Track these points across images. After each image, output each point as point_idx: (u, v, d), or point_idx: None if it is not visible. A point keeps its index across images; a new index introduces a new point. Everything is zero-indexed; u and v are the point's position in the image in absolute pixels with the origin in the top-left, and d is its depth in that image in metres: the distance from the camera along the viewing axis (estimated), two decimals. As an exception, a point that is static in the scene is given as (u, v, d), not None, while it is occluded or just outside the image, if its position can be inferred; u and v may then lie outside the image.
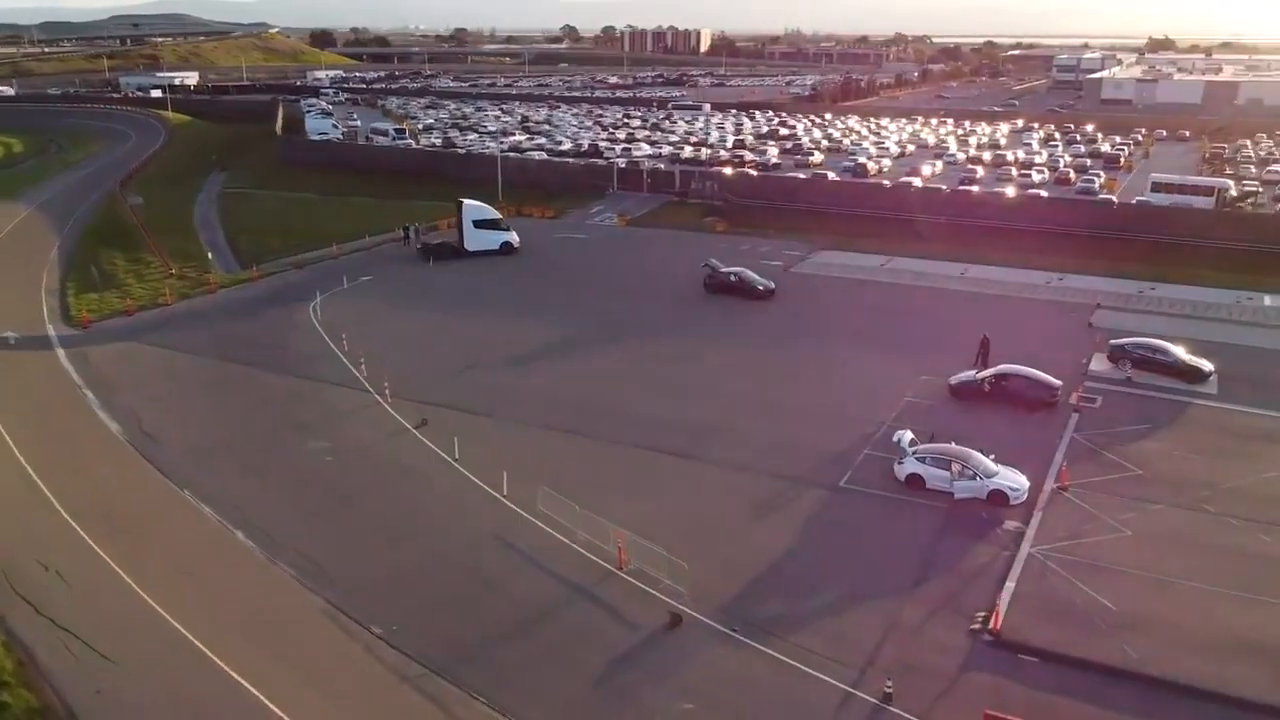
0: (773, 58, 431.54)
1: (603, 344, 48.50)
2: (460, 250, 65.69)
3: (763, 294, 56.12)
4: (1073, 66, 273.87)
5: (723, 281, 56.84)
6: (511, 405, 40.56)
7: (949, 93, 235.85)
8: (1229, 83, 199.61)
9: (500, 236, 66.43)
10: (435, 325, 51.57)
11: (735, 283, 56.49)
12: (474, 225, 66.01)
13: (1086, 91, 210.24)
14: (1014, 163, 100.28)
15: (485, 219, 66.49)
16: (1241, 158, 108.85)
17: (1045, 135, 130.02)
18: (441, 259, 65.11)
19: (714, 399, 41.36)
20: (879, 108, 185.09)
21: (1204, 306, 54.94)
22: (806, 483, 33.96)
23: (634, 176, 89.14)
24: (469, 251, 65.52)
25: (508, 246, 66.35)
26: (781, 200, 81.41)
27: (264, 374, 44.48)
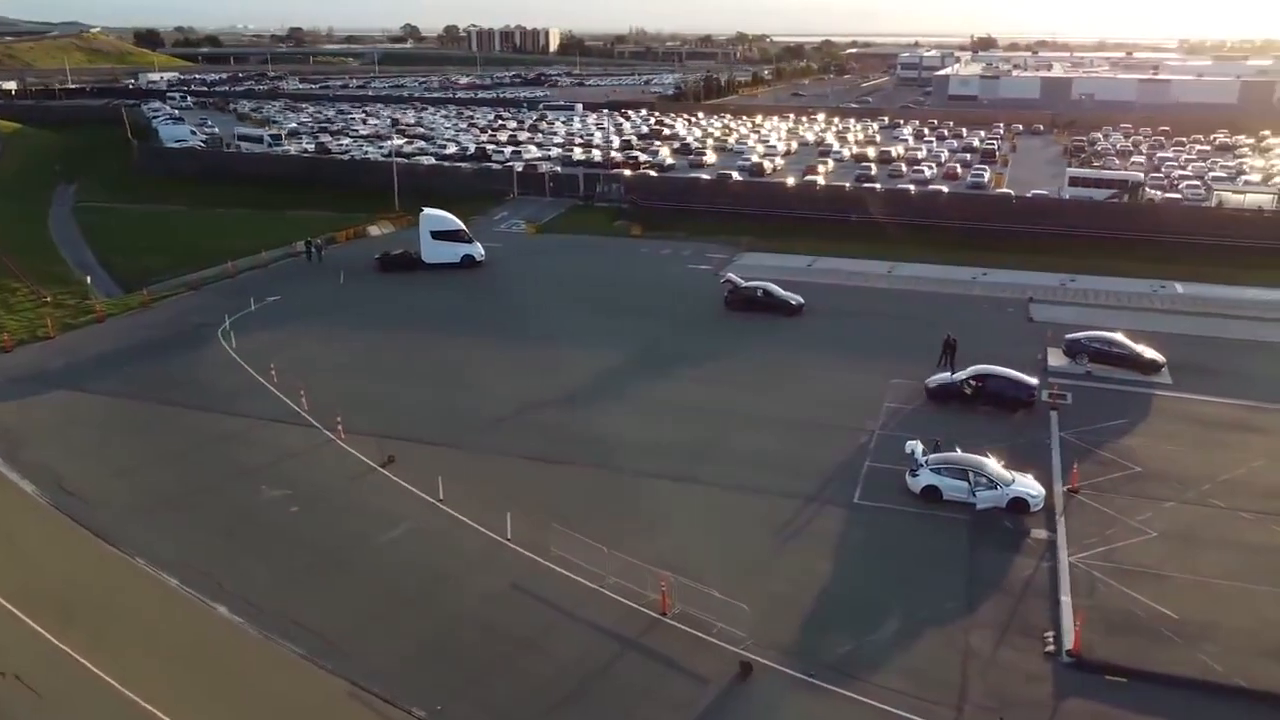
0: (623, 57, 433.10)
1: (562, 361, 45.74)
2: (418, 262, 61.69)
3: (795, 309, 52.88)
4: (915, 64, 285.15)
5: (748, 297, 53.55)
6: (481, 434, 37.53)
7: (804, 90, 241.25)
8: (1063, 79, 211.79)
9: (461, 249, 62.24)
10: (371, 348, 47.63)
11: (762, 298, 53.29)
12: (432, 236, 61.84)
13: (935, 88, 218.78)
14: (900, 158, 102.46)
15: (444, 230, 62.22)
16: (1100, 150, 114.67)
17: (915, 131, 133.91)
18: (395, 270, 61.19)
19: (693, 415, 39.46)
20: (746, 106, 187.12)
21: (1125, 296, 56.85)
22: (820, 501, 32.53)
23: (534, 180, 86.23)
24: (427, 264, 61.64)
25: (469, 260, 62.17)
26: (690, 202, 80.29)
27: (189, 413, 39.75)
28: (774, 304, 52.86)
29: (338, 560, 29.02)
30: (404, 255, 62.49)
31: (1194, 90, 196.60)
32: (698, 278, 60.62)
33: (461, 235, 62.41)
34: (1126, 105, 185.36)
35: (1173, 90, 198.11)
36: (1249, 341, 48.57)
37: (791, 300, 53.11)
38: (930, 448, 33.95)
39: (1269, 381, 42.89)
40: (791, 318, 52.32)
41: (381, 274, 61.32)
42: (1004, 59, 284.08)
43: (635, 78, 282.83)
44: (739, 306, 53.29)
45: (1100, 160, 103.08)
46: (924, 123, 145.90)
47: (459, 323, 51.78)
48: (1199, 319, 52.35)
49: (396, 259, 62.20)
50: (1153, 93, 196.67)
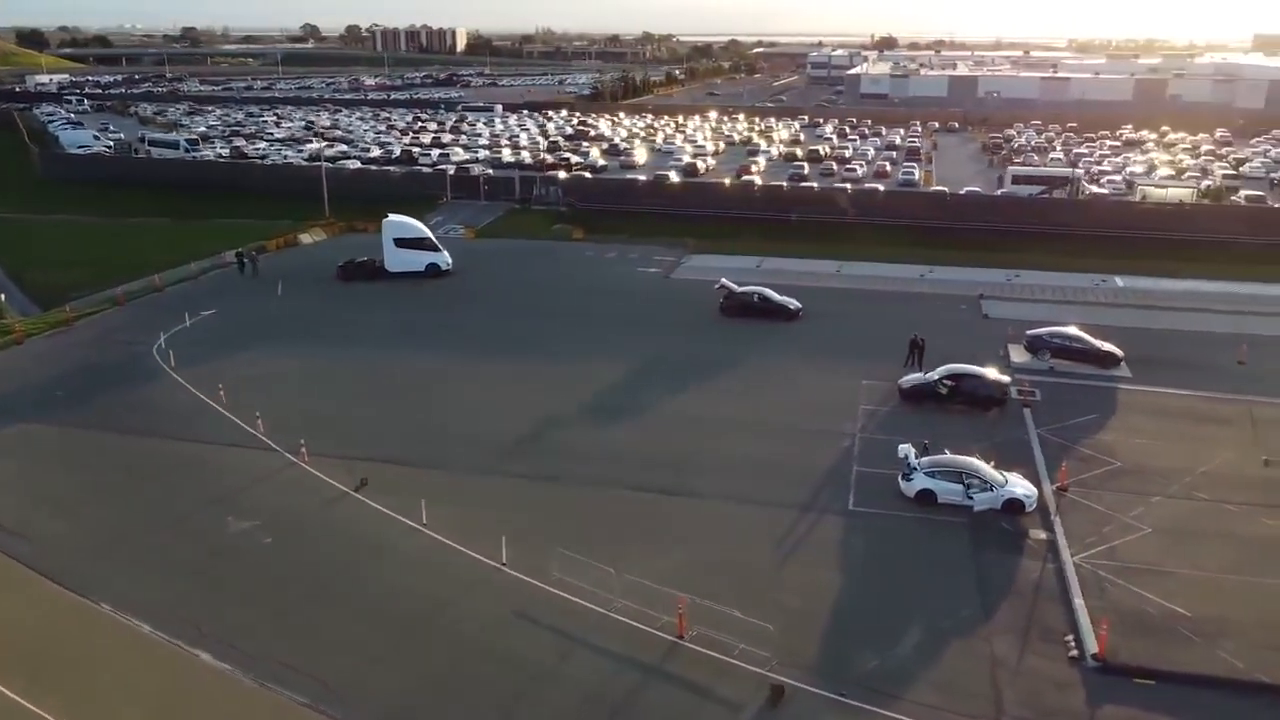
0: (532, 57, 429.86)
1: (533, 374, 44.29)
2: (381, 270, 59.31)
3: (793, 314, 51.80)
4: (824, 64, 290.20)
5: (743, 303, 52.13)
6: (459, 453, 35.90)
7: (718, 90, 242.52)
8: (969, 77, 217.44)
9: (425, 257, 59.54)
10: (326, 364, 45.33)
11: (759, 304, 52.10)
12: (395, 244, 59.28)
13: (847, 87, 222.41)
14: (829, 157, 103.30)
15: (408, 237, 59.60)
16: (1019, 147, 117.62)
17: (836, 130, 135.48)
18: (357, 279, 58.85)
19: (672, 423, 38.56)
20: (664, 106, 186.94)
21: (1069, 291, 58.00)
22: (815, 510, 31.93)
23: (468, 183, 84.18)
24: (390, 273, 59.29)
25: (434, 269, 59.50)
26: (628, 204, 79.40)
27: (133, 440, 37.12)
28: (771, 309, 51.85)
29: (323, 594, 27.23)
30: (367, 263, 59.90)
31: (1092, 88, 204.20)
32: (651, 281, 59.87)
33: (426, 243, 59.84)
34: (1030, 103, 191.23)
35: (1072, 88, 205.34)
36: (1193, 333, 49.88)
37: (790, 305, 52.14)
38: (920, 451, 33.68)
39: (1218, 372, 43.99)
40: (789, 323, 51.44)
41: (344, 283, 58.95)
42: (908, 58, 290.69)
43: (549, 78, 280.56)
44: (735, 312, 52.08)
45: (1020, 157, 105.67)
46: (843, 121, 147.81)
47: (417, 335, 49.79)
48: (1144, 311, 53.70)
49: (359, 267, 59.70)
50: (1054, 90, 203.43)
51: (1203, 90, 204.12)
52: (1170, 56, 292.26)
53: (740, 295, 52.34)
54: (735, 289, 52.68)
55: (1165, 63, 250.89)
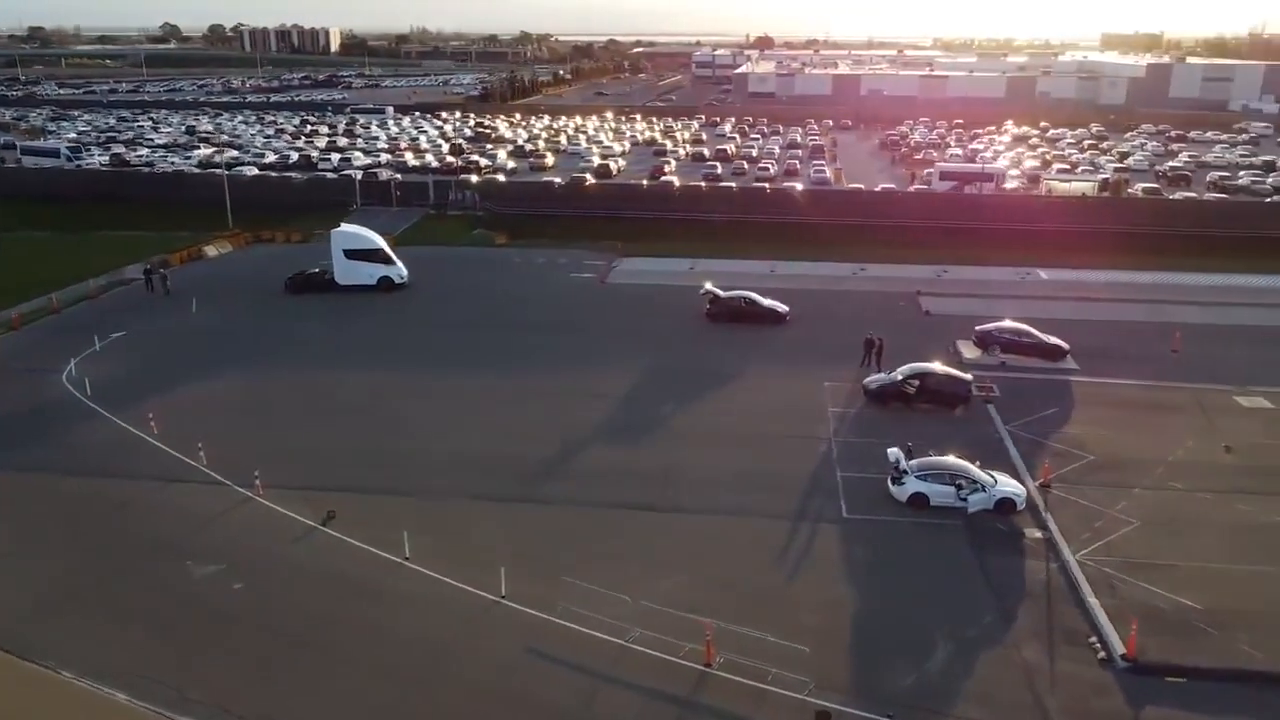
0: (410, 57, 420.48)
1: (490, 389, 42.32)
2: (332, 283, 55.79)
3: (782, 318, 50.80)
4: (709, 63, 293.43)
5: (733, 308, 50.95)
6: (427, 478, 33.87)
7: (606, 89, 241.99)
8: (853, 76, 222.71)
9: (377, 270, 55.84)
10: (263, 387, 42.35)
11: (748, 308, 50.91)
12: (345, 255, 55.63)
13: (735, 86, 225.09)
14: (737, 156, 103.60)
15: (359, 249, 55.91)
16: (916, 144, 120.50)
17: (736, 128, 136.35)
18: (306, 291, 55.59)
19: (646, 434, 37.41)
20: (557, 106, 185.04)
21: (997, 284, 59.16)
22: (808, 519, 31.27)
23: (377, 189, 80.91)
24: (340, 285, 55.81)
25: (387, 282, 55.84)
26: (545, 207, 77.72)
27: (60, 480, 33.70)
28: (760, 313, 50.91)
29: (310, 643, 25.01)
30: (318, 275, 56.39)
31: (968, 85, 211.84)
32: (588, 287, 58.49)
33: (378, 255, 56.11)
34: (910, 100, 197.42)
35: (950, 86, 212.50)
36: (1122, 323, 51.33)
37: (779, 308, 51.24)
38: (905, 453, 33.40)
39: (1156, 360, 45.38)
40: (778, 326, 50.56)
41: (293, 295, 55.94)
42: (789, 57, 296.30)
43: (431, 78, 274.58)
44: (725, 318, 50.93)
45: (920, 153, 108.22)
46: (740, 120, 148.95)
47: (362, 350, 47.14)
48: (1073, 304, 55.07)
49: (309, 279, 56.28)
50: (933, 88, 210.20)
51: (1069, 87, 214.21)
52: (1035, 55, 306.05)
53: (729, 300, 51.31)
54: (721, 294, 51.64)
55: (1032, 61, 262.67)
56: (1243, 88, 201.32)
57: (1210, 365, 44.66)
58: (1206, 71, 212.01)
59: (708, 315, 51.40)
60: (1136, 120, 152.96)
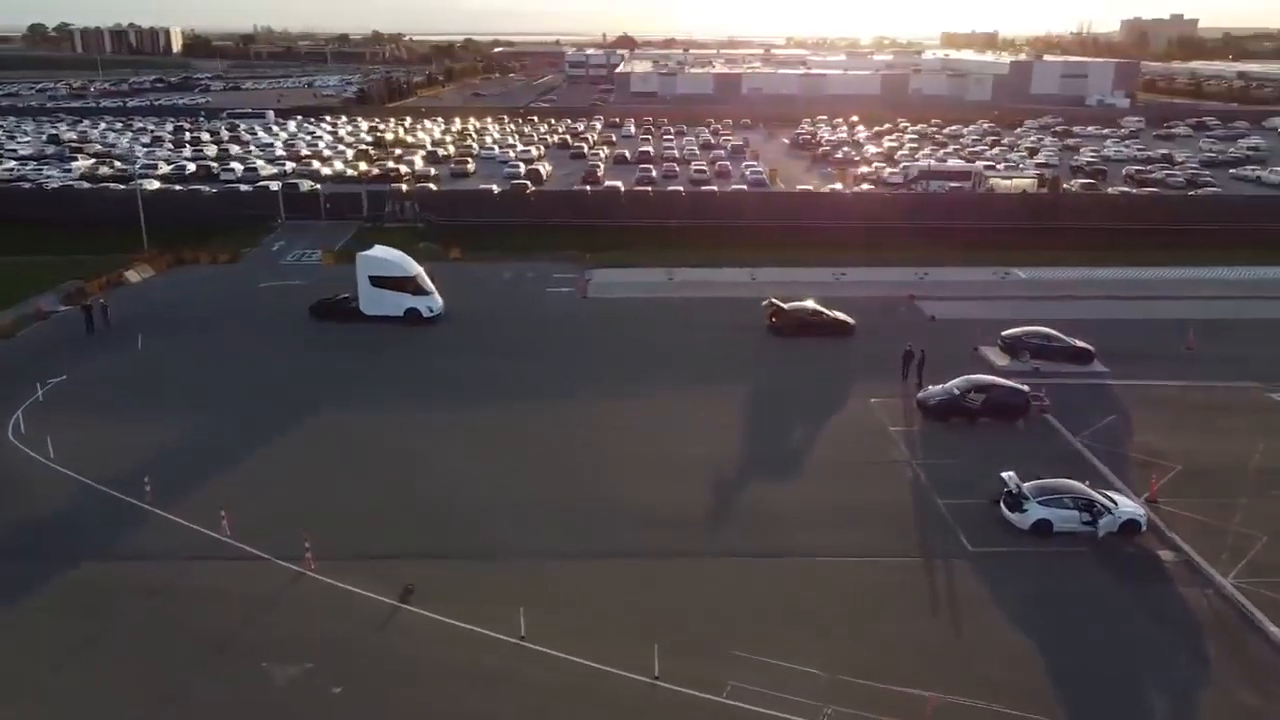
0: (260, 58, 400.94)
1: (525, 424, 38.28)
2: (357, 312, 49.77)
3: (851, 329, 48.47)
4: (583, 62, 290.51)
5: (802, 320, 48.36)
6: (493, 531, 29.86)
7: (483, 91, 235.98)
8: (734, 75, 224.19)
9: (404, 301, 49.22)
10: (262, 436, 36.92)
11: (814, 319, 48.42)
12: (371, 283, 49.20)
13: (617, 86, 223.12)
14: (662, 158, 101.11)
15: (386, 275, 49.16)
16: (827, 141, 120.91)
17: (644, 129, 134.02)
18: (330, 318, 50.01)
19: (706, 466, 34.30)
20: (436, 107, 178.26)
21: (981, 285, 58.63)
22: (934, 555, 28.94)
23: (304, 202, 74.54)
24: (367, 315, 49.68)
25: (415, 315, 49.37)
26: (489, 216, 73.28)
27: (65, 566, 28.10)
28: (827, 325, 48.42)
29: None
30: (343, 302, 50.34)
31: (844, 84, 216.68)
32: (574, 303, 54.83)
33: (408, 284, 49.28)
34: (790, 98, 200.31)
35: (827, 84, 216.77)
36: (1124, 321, 51.25)
37: (849, 319, 48.88)
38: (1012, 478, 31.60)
39: (1173, 358, 45.31)
40: (846, 338, 48.20)
41: (317, 320, 50.56)
42: (662, 56, 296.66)
43: (294, 80, 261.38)
44: (791, 331, 48.19)
45: (840, 152, 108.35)
46: (640, 120, 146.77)
47: (366, 384, 41.95)
48: (1065, 303, 54.76)
49: (335, 306, 50.36)
50: (812, 86, 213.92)
51: (940, 84, 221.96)
52: (900, 53, 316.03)
53: (793, 312, 48.84)
54: (784, 306, 49.14)
55: (899, 59, 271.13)
56: (1096, 83, 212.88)
57: (1227, 362, 44.76)
58: (1064, 69, 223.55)
59: (774, 330, 48.88)
60: (1009, 116, 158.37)
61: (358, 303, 49.54)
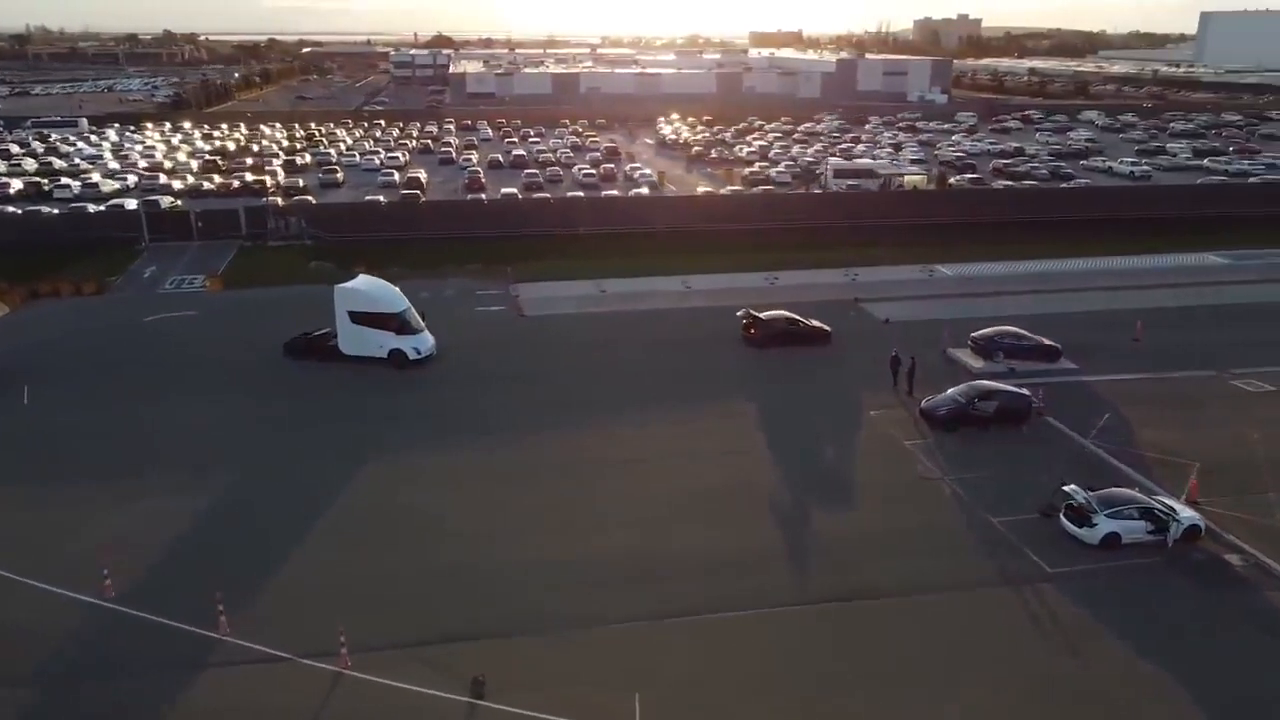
0: (41, 59, 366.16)
1: (521, 466, 34.38)
2: (335, 351, 43.51)
3: (828, 336, 47.16)
4: (409, 63, 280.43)
5: (784, 331, 46.41)
6: (544, 597, 26.29)
7: (308, 93, 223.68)
8: (572, 74, 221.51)
9: (387, 340, 42.86)
10: (219, 500, 31.58)
11: (792, 328, 46.58)
12: (350, 319, 42.78)
13: (453, 87, 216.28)
14: (538, 162, 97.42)
15: (367, 311, 42.85)
16: (682, 141, 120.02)
17: (501, 132, 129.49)
18: (306, 357, 43.79)
19: (738, 499, 31.94)
20: (263, 112, 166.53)
21: (911, 284, 58.51)
22: (1016, 580, 27.51)
23: (171, 221, 66.61)
24: (345, 355, 43.42)
25: (399, 357, 42.99)
26: (383, 230, 67.84)
27: (47, 693, 22.64)
28: (806, 334, 46.82)
29: None
30: (321, 339, 44.31)
31: (680, 82, 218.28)
32: (511, 323, 50.83)
33: (392, 321, 42.94)
34: (628, 97, 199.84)
35: (664, 83, 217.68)
36: (1062, 315, 51.84)
37: (825, 327, 47.47)
38: (1058, 489, 30.78)
39: (1125, 351, 46.16)
40: (822, 346, 46.69)
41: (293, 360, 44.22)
42: (490, 56, 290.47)
43: (91, 84, 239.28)
44: (771, 343, 46.02)
45: (714, 151, 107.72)
46: (493, 121, 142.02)
47: (324, 430, 37.02)
48: (1001, 299, 55.20)
49: (312, 343, 44.26)
50: (649, 85, 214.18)
51: (771, 83, 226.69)
52: (728, 53, 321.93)
53: (770, 322, 46.76)
54: (761, 316, 46.88)
55: (729, 58, 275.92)
56: (916, 80, 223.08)
57: (1175, 351, 45.93)
58: (886, 66, 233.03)
59: (752, 342, 46.63)
60: (854, 112, 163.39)
61: (336, 341, 43.78)
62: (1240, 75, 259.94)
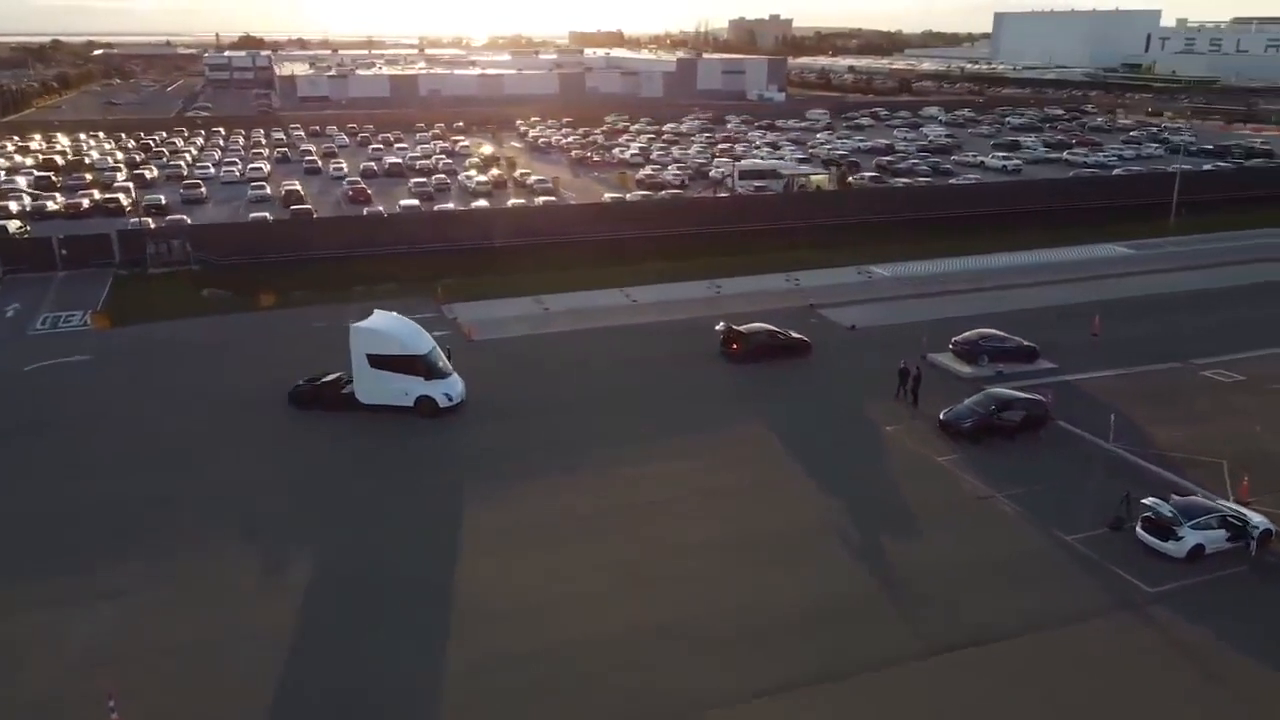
0: None
1: (520, 528, 30.61)
2: (352, 399, 37.79)
3: (809, 347, 45.53)
4: (225, 65, 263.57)
5: (764, 344, 44.28)
6: (659, 682, 23.00)
7: (118, 99, 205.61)
8: (411, 76, 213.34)
9: (413, 386, 37.27)
10: (208, 594, 26.41)
11: (773, 341, 44.66)
12: (369, 362, 36.68)
13: (282, 90, 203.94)
14: (417, 170, 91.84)
15: (389, 353, 37.10)
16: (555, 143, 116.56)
17: (361, 139, 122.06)
18: (315, 407, 37.83)
19: (792, 542, 29.51)
20: (72, 121, 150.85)
21: (853, 288, 57.59)
22: (1121, 607, 26.31)
23: (23, 249, 57.81)
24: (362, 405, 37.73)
25: (428, 404, 37.38)
26: (278, 252, 61.42)
27: None
28: (788, 346, 44.95)
29: None
30: (333, 385, 38.60)
31: (522, 83, 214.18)
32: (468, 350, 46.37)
33: (418, 363, 37.45)
34: (470, 99, 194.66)
35: (506, 84, 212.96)
36: (1016, 312, 51.81)
37: (806, 338, 45.62)
38: (1124, 501, 30.04)
39: (1086, 347, 46.69)
40: (804, 358, 45.04)
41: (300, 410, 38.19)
42: (313, 57, 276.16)
43: None
44: (752, 357, 43.78)
45: (599, 155, 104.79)
46: (343, 128, 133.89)
47: (319, 492, 31.81)
48: (946, 299, 55.15)
49: (320, 391, 38.48)
50: (491, 86, 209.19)
51: (614, 82, 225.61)
52: (565, 52, 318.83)
53: (752, 335, 44.61)
54: (743, 330, 44.57)
55: (563, 57, 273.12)
56: (753, 79, 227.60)
57: (1134, 345, 46.71)
58: (724, 65, 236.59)
59: (729, 355, 44.26)
60: (713, 110, 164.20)
61: (352, 386, 38.13)
62: (1041, 71, 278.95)
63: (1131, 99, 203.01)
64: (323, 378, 39.12)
